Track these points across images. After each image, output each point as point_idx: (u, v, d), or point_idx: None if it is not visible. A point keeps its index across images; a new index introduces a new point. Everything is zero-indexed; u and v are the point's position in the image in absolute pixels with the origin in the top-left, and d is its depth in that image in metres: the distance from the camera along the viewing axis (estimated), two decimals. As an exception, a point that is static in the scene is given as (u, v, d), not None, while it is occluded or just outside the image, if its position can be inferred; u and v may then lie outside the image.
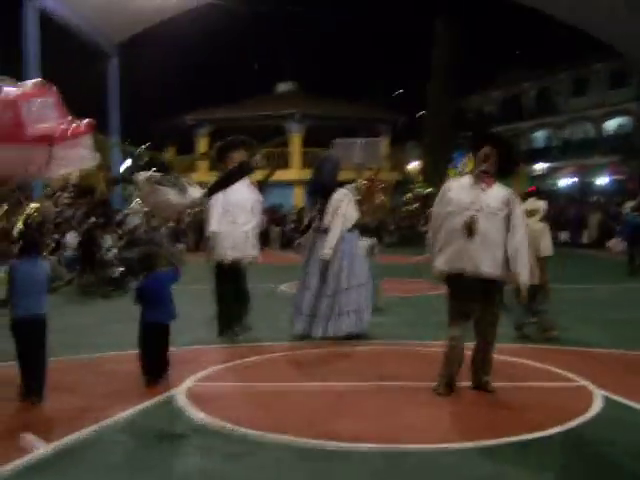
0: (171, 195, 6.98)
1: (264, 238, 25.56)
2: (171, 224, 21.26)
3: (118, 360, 6.82)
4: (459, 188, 5.37)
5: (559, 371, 6.00)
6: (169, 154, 33.36)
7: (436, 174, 28.84)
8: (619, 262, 17.45)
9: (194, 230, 24.35)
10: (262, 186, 8.32)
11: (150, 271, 6.09)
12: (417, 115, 38.67)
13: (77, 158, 5.91)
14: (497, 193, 5.29)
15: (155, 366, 5.86)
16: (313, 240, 7.87)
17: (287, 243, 25.45)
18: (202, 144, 32.53)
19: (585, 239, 24.20)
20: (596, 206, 26.04)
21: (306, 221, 8.21)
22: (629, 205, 16.43)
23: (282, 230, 25.74)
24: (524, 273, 5.23)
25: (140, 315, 5.96)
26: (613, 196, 29.27)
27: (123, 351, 7.07)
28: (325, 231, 7.70)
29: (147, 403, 5.26)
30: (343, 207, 7.74)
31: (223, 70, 38.41)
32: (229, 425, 4.66)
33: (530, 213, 7.65)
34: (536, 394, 5.45)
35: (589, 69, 42.09)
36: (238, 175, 7.82)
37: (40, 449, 4.25)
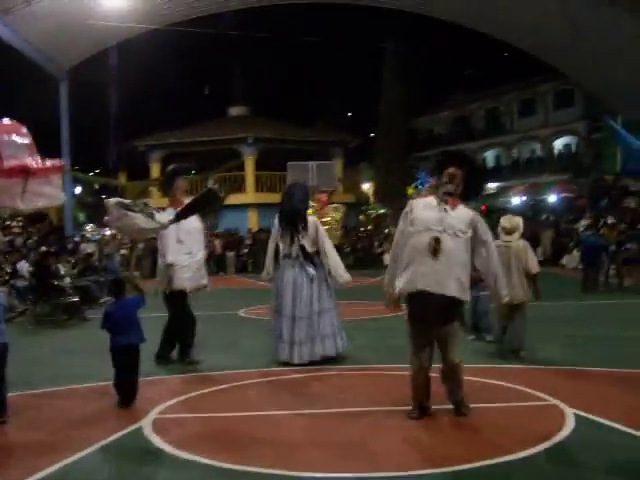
0: (139, 220, 7.00)
1: (220, 263, 25.60)
2: (124, 251, 20.94)
3: (78, 393, 6.66)
4: (424, 207, 5.31)
5: (529, 390, 6.01)
6: (121, 179, 32.98)
7: (389, 195, 29.06)
8: (573, 279, 17.79)
9: (148, 257, 24.08)
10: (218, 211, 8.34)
11: (118, 297, 6.29)
12: (368, 137, 39.02)
13: (48, 194, 6.09)
14: (461, 214, 5.24)
15: (128, 389, 6.02)
16: (284, 266, 7.81)
17: (243, 267, 25.33)
18: (155, 169, 32.20)
19: (538, 256, 24.52)
20: (548, 224, 26.45)
21: (280, 248, 7.97)
22: (583, 224, 16.71)
23: (237, 254, 25.55)
24: (505, 293, 5.43)
25: (110, 341, 6.11)
26: (563, 214, 29.80)
27: (82, 383, 6.92)
28: (297, 257, 7.73)
29: (113, 437, 5.11)
30: (322, 230, 7.86)
31: (175, 94, 38.30)
32: (199, 457, 4.55)
33: (509, 230, 7.68)
34: (508, 415, 5.43)
35: (535, 90, 43.07)
36: (208, 203, 7.76)
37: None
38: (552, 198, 39.31)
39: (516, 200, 42.90)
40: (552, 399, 5.68)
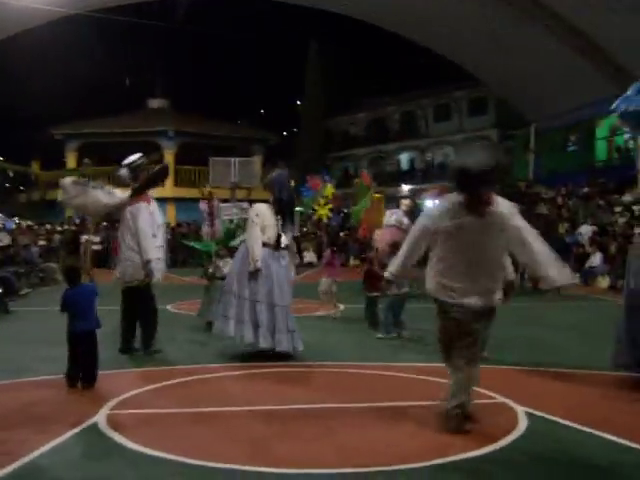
0: (100, 196, 7.35)
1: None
2: (42, 242, 20.33)
3: (17, 388, 6.42)
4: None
5: (478, 389, 6.16)
6: (34, 168, 31.90)
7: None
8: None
9: (66, 248, 23.42)
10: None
11: (74, 283, 6.42)
12: (284, 134, 39.04)
13: None
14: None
15: (88, 372, 6.24)
16: (268, 255, 7.75)
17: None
18: (71, 159, 31.33)
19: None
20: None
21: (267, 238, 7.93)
22: None
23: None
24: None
25: (68, 326, 6.32)
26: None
27: (19, 378, 6.71)
28: (285, 247, 7.88)
29: (68, 434, 4.97)
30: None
31: (94, 83, 37.26)
32: (166, 454, 4.50)
33: None
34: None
35: (450, 96, 44.14)
36: (161, 177, 8.28)
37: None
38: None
39: (429, 203, 43.92)
40: (501, 397, 5.87)
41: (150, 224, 7.85)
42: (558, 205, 24.09)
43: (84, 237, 24.53)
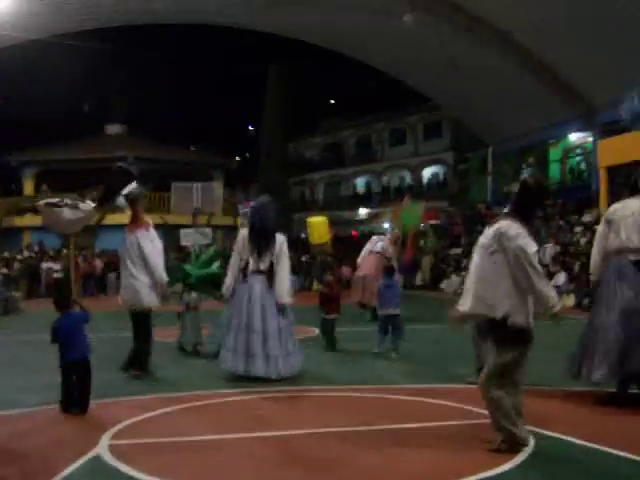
0: (65, 213, 7.48)
1: (100, 284, 24.76)
2: (4, 270, 19.91)
3: (4, 421, 6.22)
4: None
5: (479, 410, 6.15)
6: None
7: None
8: (455, 301, 18.55)
9: (25, 277, 23.03)
10: (95, 229, 8.78)
11: (63, 311, 6.43)
12: (244, 158, 39.08)
13: None
14: (490, 230, 5.09)
15: (82, 399, 6.25)
16: (252, 282, 7.90)
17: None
18: (28, 186, 30.83)
19: (418, 281, 25.43)
20: (428, 250, 27.43)
21: (242, 264, 8.07)
22: None
23: (118, 276, 24.79)
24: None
25: (62, 357, 6.29)
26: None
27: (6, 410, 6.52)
28: (263, 272, 7.91)
29: (73, 466, 4.82)
30: (285, 249, 8.10)
31: (50, 109, 36.79)
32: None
33: None
34: (468, 432, 5.58)
35: (405, 120, 44.68)
36: (119, 180, 8.21)
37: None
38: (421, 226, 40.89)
39: (386, 226, 44.25)
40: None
41: (160, 248, 8.09)
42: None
43: (45, 265, 24.20)
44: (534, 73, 24.73)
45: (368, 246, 14.17)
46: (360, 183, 49.69)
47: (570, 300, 17.52)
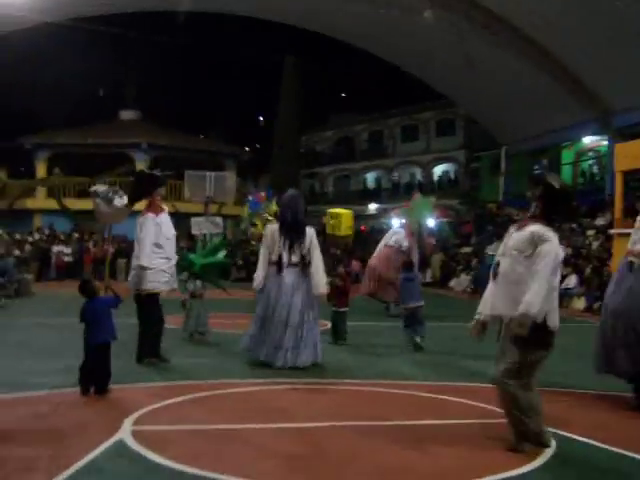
0: (101, 206, 7.58)
1: (111, 270, 24.79)
2: (17, 252, 19.97)
3: (21, 402, 6.22)
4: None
5: (498, 409, 6.16)
6: (1, 176, 31.31)
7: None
8: (464, 300, 18.69)
9: (35, 259, 23.11)
10: None
11: (91, 297, 6.54)
12: (261, 150, 39.07)
13: None
14: (523, 233, 5.05)
15: (101, 382, 6.41)
16: (285, 275, 8.09)
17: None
18: (41, 169, 30.91)
19: (427, 278, 25.39)
20: (437, 247, 27.41)
21: (274, 257, 8.17)
22: (491, 248, 17.55)
23: (128, 261, 24.87)
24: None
25: (85, 337, 6.44)
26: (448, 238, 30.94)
27: (15, 392, 6.51)
28: (296, 265, 8.11)
29: (97, 451, 4.82)
30: (315, 241, 8.28)
31: (65, 93, 36.85)
32: (205, 472, 4.40)
33: None
34: (486, 430, 5.59)
35: (418, 117, 44.61)
36: (151, 186, 8.05)
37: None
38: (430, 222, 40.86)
39: (395, 222, 44.26)
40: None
41: (154, 235, 7.89)
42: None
43: (55, 248, 24.28)
44: (551, 74, 24.63)
45: (383, 240, 14.26)
46: (370, 178, 49.68)
47: (581, 303, 17.51)
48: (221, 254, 10.85)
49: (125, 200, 8.00)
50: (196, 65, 44.98)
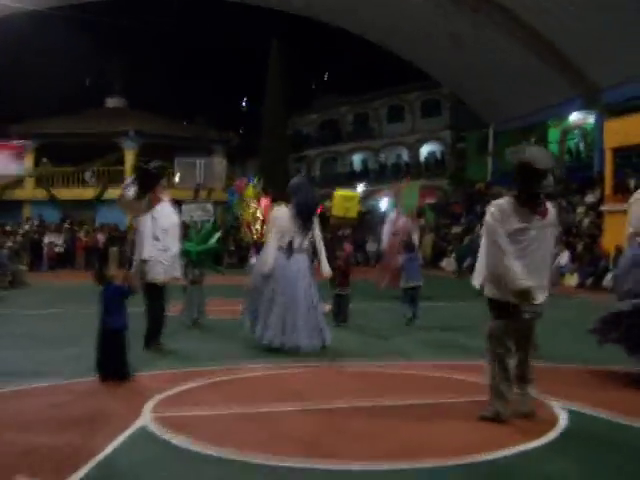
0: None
1: (103, 258, 24.75)
2: (9, 244, 19.91)
3: (34, 393, 6.27)
4: None
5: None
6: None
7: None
8: (455, 280, 18.93)
9: (27, 250, 23.04)
10: (95, 203, 8.77)
11: (106, 284, 6.70)
12: (249, 134, 38.89)
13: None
14: None
15: (117, 368, 6.52)
16: (295, 258, 8.25)
17: (125, 263, 24.63)
18: (28, 158, 30.68)
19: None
20: (428, 228, 27.55)
21: (285, 242, 8.29)
22: None
23: (120, 250, 24.82)
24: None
25: (100, 323, 6.58)
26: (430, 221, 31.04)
27: (27, 384, 6.54)
28: (305, 250, 8.37)
29: (122, 437, 4.90)
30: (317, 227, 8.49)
31: (49, 82, 36.47)
32: (232, 455, 4.49)
33: None
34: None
35: (403, 97, 44.61)
36: (151, 181, 7.99)
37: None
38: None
39: (383, 203, 44.35)
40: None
41: (150, 227, 8.04)
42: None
43: (47, 239, 24.21)
44: (538, 52, 24.72)
45: (387, 226, 14.14)
46: (357, 160, 49.66)
47: (573, 280, 17.72)
48: (214, 239, 10.92)
49: (131, 193, 7.92)
50: (181, 51, 44.76)
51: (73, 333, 9.58)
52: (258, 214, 11.92)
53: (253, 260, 11.54)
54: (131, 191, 7.78)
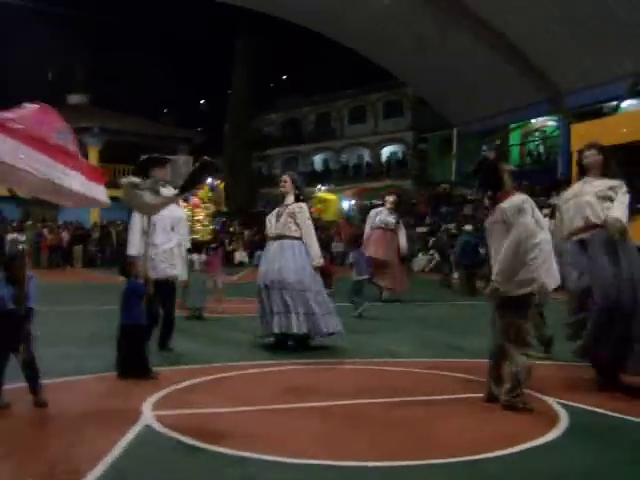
0: (146, 197, 7.06)
1: (67, 256, 24.43)
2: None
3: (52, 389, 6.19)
4: None
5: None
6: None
7: (238, 192, 29.12)
8: (428, 280, 19.08)
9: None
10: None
11: (127, 277, 6.82)
12: (214, 133, 38.68)
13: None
14: None
15: (135, 364, 6.53)
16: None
17: (90, 261, 24.40)
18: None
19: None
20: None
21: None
22: (468, 227, 17.79)
23: (84, 248, 24.54)
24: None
25: (121, 317, 6.61)
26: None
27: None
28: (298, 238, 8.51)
29: (128, 436, 4.80)
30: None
31: (10, 75, 35.71)
32: (246, 453, 4.43)
33: None
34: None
35: (366, 98, 44.87)
36: (204, 174, 7.74)
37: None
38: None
39: (345, 204, 44.49)
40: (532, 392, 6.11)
41: (139, 223, 7.81)
42: (485, 207, 24.91)
43: (10, 236, 23.76)
44: (503, 56, 25.08)
45: (368, 223, 14.12)
46: (318, 160, 49.80)
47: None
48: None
49: (171, 190, 7.40)
50: (145, 48, 44.18)
51: (70, 331, 9.50)
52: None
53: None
54: (164, 191, 7.45)
